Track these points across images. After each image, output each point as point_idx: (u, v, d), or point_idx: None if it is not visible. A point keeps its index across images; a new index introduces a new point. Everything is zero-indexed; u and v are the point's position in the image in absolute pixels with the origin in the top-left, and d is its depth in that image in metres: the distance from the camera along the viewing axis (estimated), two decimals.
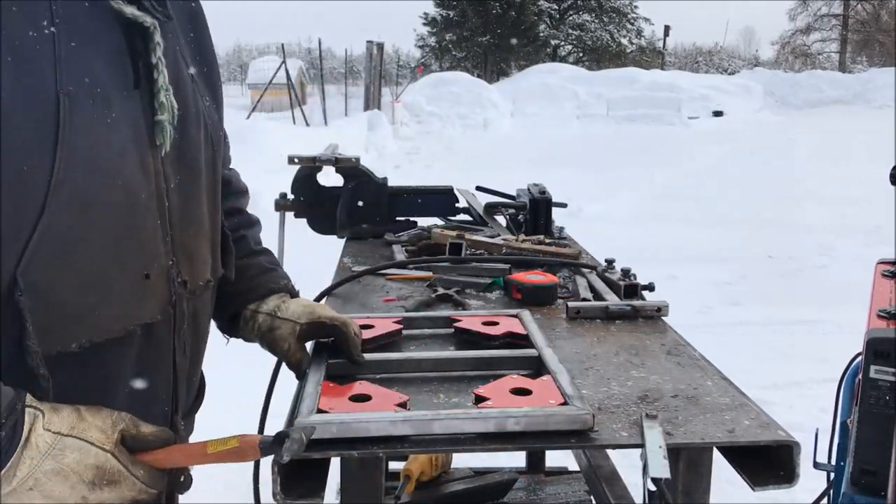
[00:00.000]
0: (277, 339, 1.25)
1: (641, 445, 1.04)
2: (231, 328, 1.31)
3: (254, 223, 1.37)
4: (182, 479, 1.00)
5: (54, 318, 0.87)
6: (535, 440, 1.04)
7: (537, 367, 1.24)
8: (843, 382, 1.81)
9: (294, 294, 1.32)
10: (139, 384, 0.99)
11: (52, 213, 0.84)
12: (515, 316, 1.46)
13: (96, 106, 0.88)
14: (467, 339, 1.39)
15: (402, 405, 1.06)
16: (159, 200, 0.99)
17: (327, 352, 1.27)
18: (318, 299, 1.63)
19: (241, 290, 1.27)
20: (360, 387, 1.13)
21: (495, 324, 1.41)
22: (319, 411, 1.04)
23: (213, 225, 1.14)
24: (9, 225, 0.82)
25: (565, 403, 1.06)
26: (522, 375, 1.19)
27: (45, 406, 0.85)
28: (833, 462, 1.81)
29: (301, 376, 1.22)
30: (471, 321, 1.43)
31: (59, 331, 0.87)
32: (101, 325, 0.91)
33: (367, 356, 1.26)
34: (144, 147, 0.95)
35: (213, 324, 1.24)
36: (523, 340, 1.35)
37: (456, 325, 1.42)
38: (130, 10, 0.93)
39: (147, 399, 1.01)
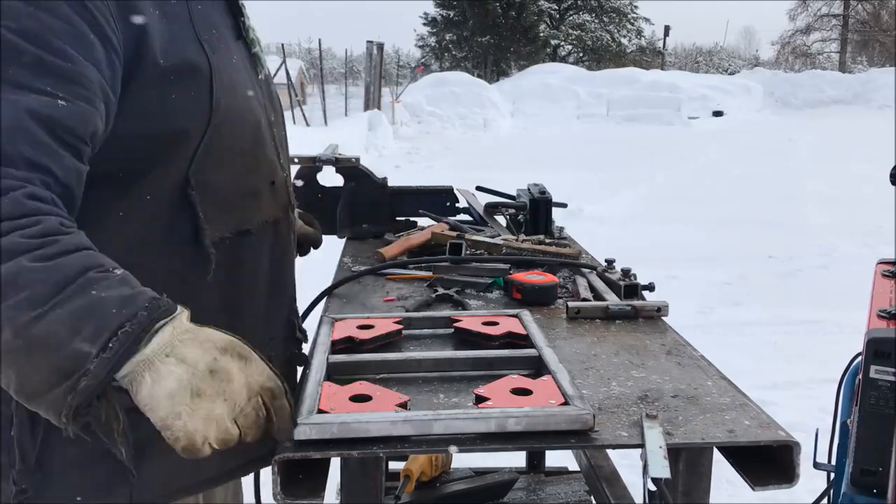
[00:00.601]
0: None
1: (641, 445, 1.04)
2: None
3: None
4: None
5: (215, 210, 1.11)
6: (535, 440, 1.04)
7: (537, 367, 1.24)
8: (843, 382, 1.81)
9: None
10: (274, 274, 1.27)
11: (213, 128, 1.08)
12: (515, 316, 1.47)
13: (223, 50, 1.13)
14: (467, 339, 1.39)
15: (403, 405, 1.06)
16: (267, 127, 1.24)
17: (328, 351, 1.27)
18: (318, 299, 1.66)
19: None
20: (361, 387, 1.13)
21: (495, 324, 1.41)
22: (320, 411, 1.04)
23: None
24: (184, 136, 1.06)
25: (566, 403, 1.06)
26: (523, 375, 1.19)
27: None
28: (833, 462, 1.81)
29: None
30: (471, 321, 1.43)
31: (218, 220, 1.12)
32: (246, 217, 1.18)
33: (368, 356, 1.26)
34: (253, 82, 1.22)
35: None
36: (523, 340, 1.35)
37: (456, 325, 1.42)
38: None
39: (278, 291, 1.30)
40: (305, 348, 1.39)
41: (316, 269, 2.10)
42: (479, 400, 1.09)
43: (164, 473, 1.10)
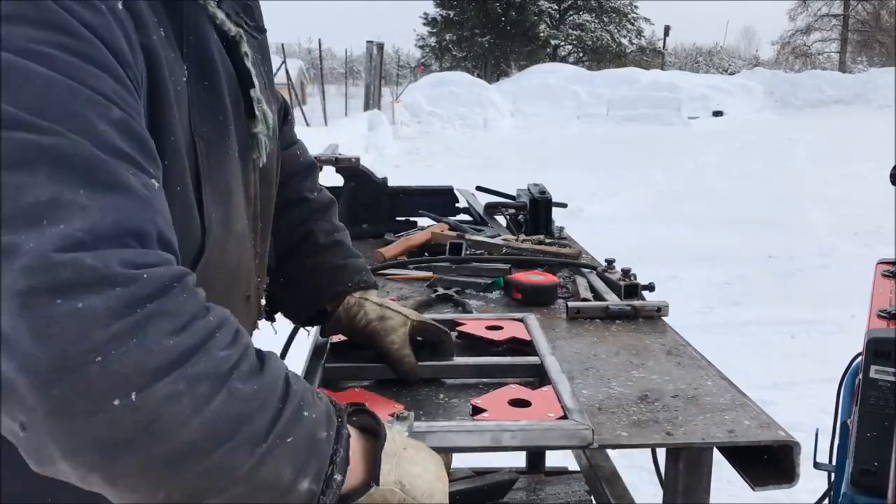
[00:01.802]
0: (388, 329, 1.21)
1: (641, 446, 1.04)
2: (317, 318, 1.28)
3: (322, 210, 1.31)
4: None
5: None
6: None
7: (539, 375, 1.23)
8: (844, 383, 1.81)
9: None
10: None
11: (214, 249, 0.86)
12: (520, 320, 1.45)
13: (223, 143, 0.89)
14: (470, 343, 1.38)
15: (398, 415, 1.04)
16: (252, 240, 1.00)
17: (325, 356, 1.26)
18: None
19: (324, 284, 1.24)
20: (356, 394, 1.12)
21: (499, 328, 1.40)
22: None
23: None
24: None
25: (565, 417, 1.04)
26: (523, 384, 1.18)
27: None
28: (833, 462, 1.81)
29: (406, 375, 1.20)
30: (474, 325, 1.41)
31: None
32: None
33: (365, 362, 1.25)
34: (248, 170, 0.97)
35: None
36: (526, 346, 1.34)
37: (459, 328, 1.41)
38: (221, 17, 0.91)
39: None
40: None
41: None
42: (476, 411, 1.07)
43: None
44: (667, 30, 36.12)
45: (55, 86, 0.63)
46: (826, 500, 1.90)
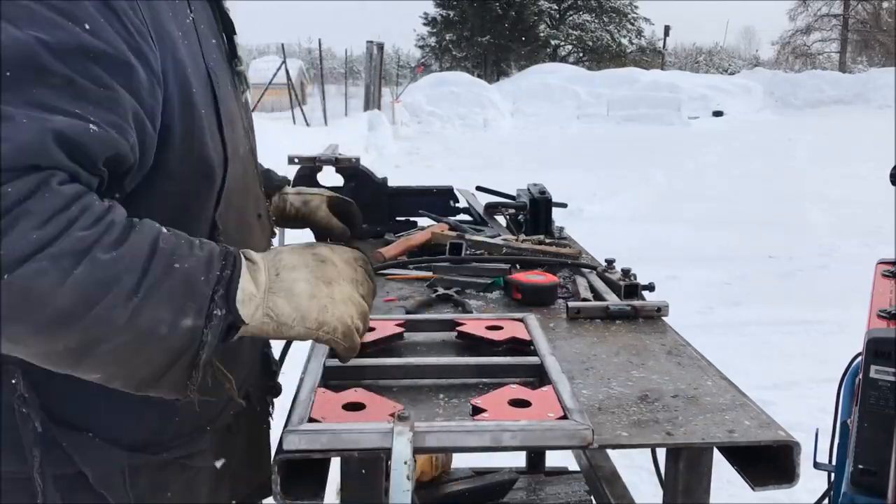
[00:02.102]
0: (313, 209, 1.50)
1: (641, 446, 1.04)
2: None
3: None
4: None
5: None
6: None
7: (539, 376, 1.23)
8: (844, 383, 1.81)
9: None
10: None
11: (231, 170, 1.03)
12: (521, 320, 1.45)
13: (223, 76, 1.06)
14: (470, 343, 1.38)
15: (398, 415, 1.04)
16: (251, 158, 1.19)
17: (325, 355, 1.26)
18: None
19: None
20: (355, 394, 1.11)
21: (499, 328, 1.40)
22: (311, 420, 1.02)
23: None
24: (213, 173, 1.00)
25: (565, 417, 1.04)
26: (524, 384, 1.18)
27: None
28: (832, 461, 1.81)
29: (340, 238, 1.49)
30: (474, 325, 1.41)
31: None
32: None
33: (366, 361, 1.25)
34: (239, 107, 1.14)
35: None
36: (526, 346, 1.34)
37: (459, 328, 1.40)
38: None
39: None
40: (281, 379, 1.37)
41: None
42: (476, 411, 1.07)
43: None
44: (667, 30, 36.11)
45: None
46: (826, 501, 1.90)
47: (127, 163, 0.87)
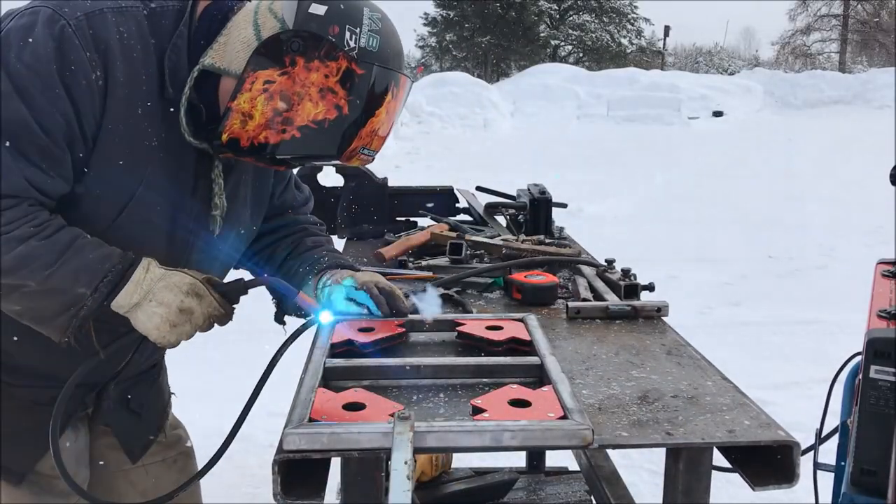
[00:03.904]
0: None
1: (641, 446, 1.04)
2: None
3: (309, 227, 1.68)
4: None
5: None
6: None
7: (539, 376, 1.23)
8: (844, 382, 1.81)
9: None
10: None
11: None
12: (520, 320, 1.45)
13: (165, 204, 1.36)
14: (470, 343, 1.38)
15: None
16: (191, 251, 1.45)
17: (326, 355, 1.26)
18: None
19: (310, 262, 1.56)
20: (355, 394, 1.11)
21: (499, 328, 1.40)
22: (311, 420, 1.02)
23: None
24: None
25: (565, 417, 1.04)
26: (523, 384, 1.18)
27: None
28: (816, 456, 1.79)
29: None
30: (474, 325, 1.41)
31: None
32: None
33: (366, 361, 1.25)
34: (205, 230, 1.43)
35: None
36: (527, 346, 1.34)
37: (459, 328, 1.41)
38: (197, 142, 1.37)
39: None
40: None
41: None
42: (476, 412, 1.07)
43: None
44: (667, 30, 36.09)
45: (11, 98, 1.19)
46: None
47: (64, 192, 1.28)
